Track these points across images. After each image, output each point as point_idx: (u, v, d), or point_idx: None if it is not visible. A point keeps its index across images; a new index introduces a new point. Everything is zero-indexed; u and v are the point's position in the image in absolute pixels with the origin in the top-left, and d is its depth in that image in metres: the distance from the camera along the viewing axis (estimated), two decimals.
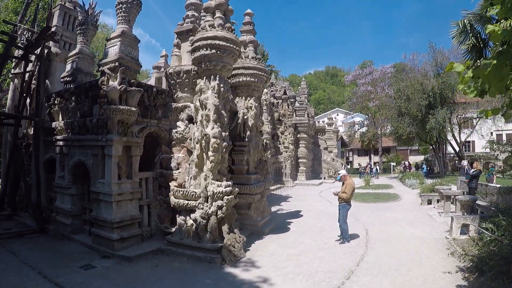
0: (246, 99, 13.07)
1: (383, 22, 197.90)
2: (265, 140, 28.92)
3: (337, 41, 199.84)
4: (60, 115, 13.36)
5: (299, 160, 36.54)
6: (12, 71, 17.52)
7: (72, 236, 11.73)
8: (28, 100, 15.22)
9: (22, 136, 15.62)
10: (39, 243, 11.44)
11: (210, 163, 9.85)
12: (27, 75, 15.06)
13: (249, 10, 14.08)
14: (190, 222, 10.00)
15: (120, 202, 10.48)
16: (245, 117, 12.78)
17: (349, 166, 61.54)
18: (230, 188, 10.01)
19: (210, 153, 9.82)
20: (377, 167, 46.39)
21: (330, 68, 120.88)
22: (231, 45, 10.13)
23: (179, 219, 10.38)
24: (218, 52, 9.99)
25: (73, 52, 14.28)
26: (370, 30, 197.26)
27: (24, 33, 14.39)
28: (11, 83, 17.58)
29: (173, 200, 10.56)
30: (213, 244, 9.56)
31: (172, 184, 10.99)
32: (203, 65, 10.31)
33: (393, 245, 10.99)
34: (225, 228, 9.87)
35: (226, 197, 9.75)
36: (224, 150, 10.13)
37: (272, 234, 12.56)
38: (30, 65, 15.21)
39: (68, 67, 14.27)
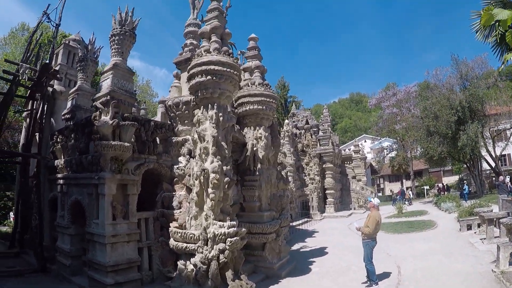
0: (255, 129, 12.06)
1: (402, 43, 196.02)
2: (286, 172, 28.10)
3: (359, 67, 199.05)
4: (62, 153, 12.86)
5: (326, 192, 34.98)
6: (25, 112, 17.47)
7: (71, 278, 10.99)
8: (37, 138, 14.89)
9: (32, 174, 15.19)
10: (36, 284, 10.94)
11: (211, 201, 8.81)
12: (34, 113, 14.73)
13: (253, 35, 13.30)
14: (190, 267, 8.94)
15: (115, 244, 9.65)
16: (255, 148, 11.73)
17: (380, 194, 59.13)
18: (235, 229, 8.89)
19: (210, 190, 8.81)
20: (410, 192, 44.09)
21: (354, 94, 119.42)
22: (229, 70, 9.24)
23: (179, 263, 9.36)
24: (214, 78, 9.13)
25: (73, 89, 13.89)
26: (390, 52, 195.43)
27: (26, 71, 14.14)
28: (24, 122, 17.51)
29: (172, 242, 9.53)
30: None
31: (173, 225, 9.96)
32: (199, 94, 9.47)
33: (430, 285, 9.48)
34: (229, 274, 8.67)
35: (229, 239, 8.61)
36: (227, 186, 9.06)
37: (290, 277, 11.19)
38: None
39: (69, 104, 13.85)
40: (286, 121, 33.35)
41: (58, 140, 13.15)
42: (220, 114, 9.27)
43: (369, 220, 9.78)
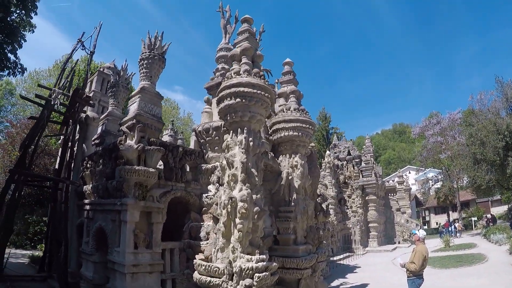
0: (290, 156, 11.36)
1: (444, 69, 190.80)
2: (327, 204, 27.06)
3: (401, 97, 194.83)
4: (90, 179, 12.67)
5: (370, 225, 33.74)
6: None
7: None
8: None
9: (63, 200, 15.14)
10: None
11: (238, 232, 8.04)
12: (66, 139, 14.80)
13: (288, 59, 12.79)
14: None
15: (136, 274, 9.16)
16: (290, 177, 10.97)
17: (426, 227, 56.14)
18: (264, 263, 8.02)
19: (237, 220, 8.06)
20: (456, 224, 41.44)
21: (397, 125, 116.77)
22: (259, 92, 8.61)
23: None
24: (244, 100, 8.52)
25: (104, 115, 13.80)
26: (433, 80, 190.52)
27: (59, 96, 14.24)
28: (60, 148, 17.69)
29: (196, 276, 8.76)
30: None
31: (198, 257, 9.20)
32: (228, 118, 8.88)
33: None
34: None
35: (257, 274, 7.74)
36: (256, 216, 8.27)
37: None
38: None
39: (99, 130, 13.73)
40: (328, 152, 32.61)
41: (88, 165, 13.01)
42: (251, 139, 8.61)
43: (415, 255, 8.86)
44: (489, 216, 40.67)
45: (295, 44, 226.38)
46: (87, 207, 12.16)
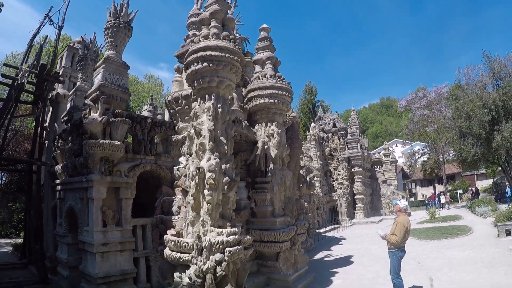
0: (266, 125, 10.71)
1: (433, 47, 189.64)
2: (313, 176, 26.60)
3: (389, 73, 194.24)
4: (61, 158, 11.92)
5: (356, 197, 33.24)
6: None
7: None
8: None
9: (43, 183, 14.45)
10: None
11: (207, 204, 7.46)
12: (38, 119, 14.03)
13: (264, 25, 12.01)
14: (185, 280, 7.57)
15: (106, 253, 8.59)
16: (266, 146, 10.34)
17: (412, 199, 56.18)
18: (236, 236, 7.44)
19: (206, 192, 7.47)
20: (442, 196, 41.41)
21: (385, 99, 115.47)
22: (228, 55, 7.88)
23: (175, 276, 8.00)
24: (211, 65, 7.81)
25: (72, 90, 13.01)
26: (421, 57, 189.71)
27: (26, 75, 13.32)
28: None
29: (166, 252, 8.20)
30: None
31: (170, 233, 8.62)
32: (196, 84, 8.18)
33: None
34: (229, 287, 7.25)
35: (228, 248, 7.17)
36: (226, 187, 7.65)
37: None
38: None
39: (68, 106, 12.92)
40: (313, 124, 31.97)
41: (59, 144, 12.23)
42: (219, 105, 7.94)
43: (396, 227, 8.25)
44: (474, 189, 40.70)
45: (285, 19, 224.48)
46: (59, 187, 11.49)
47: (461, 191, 43.60)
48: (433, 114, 42.41)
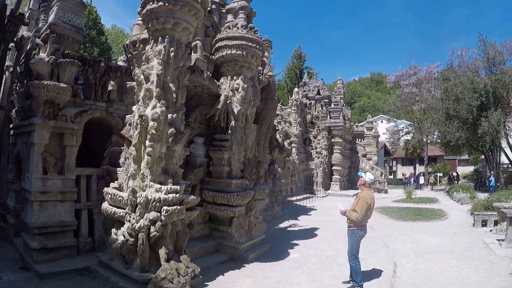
0: (232, 78, 9.67)
1: (430, 27, 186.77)
2: (290, 142, 25.71)
3: (383, 48, 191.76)
4: (17, 101, 10.91)
5: (333, 168, 32.35)
6: None
7: (13, 239, 9.34)
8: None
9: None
10: None
11: (147, 156, 6.58)
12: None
13: None
14: (120, 238, 6.81)
15: (44, 202, 7.96)
16: (228, 101, 9.37)
17: (391, 176, 56.09)
18: (177, 195, 6.60)
19: (147, 143, 6.58)
20: (423, 177, 41.07)
21: (375, 74, 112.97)
22: None
23: (112, 232, 7.24)
24: (167, 4, 6.70)
25: (32, 32, 11.88)
26: (418, 35, 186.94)
27: None
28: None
29: (103, 206, 7.38)
30: (141, 274, 6.29)
31: (112, 185, 7.77)
32: (150, 25, 7.11)
33: None
34: (162, 252, 6.46)
35: (166, 207, 6.35)
36: (172, 139, 6.75)
37: (259, 262, 8.92)
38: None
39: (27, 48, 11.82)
40: (296, 89, 30.72)
41: (16, 88, 11.42)
42: (172, 48, 6.91)
43: (358, 202, 7.21)
44: (454, 174, 40.42)
45: None
46: (11, 132, 10.72)
47: (441, 174, 43.30)
48: (421, 93, 41.53)
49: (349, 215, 7.28)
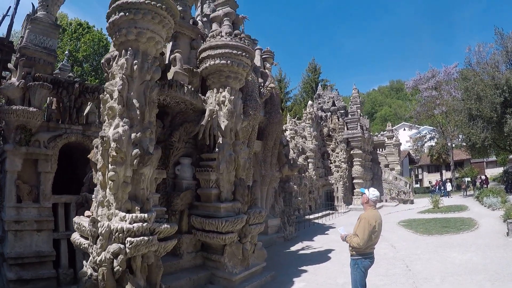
0: (218, 91, 8.86)
1: (444, 27, 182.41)
2: (306, 157, 24.65)
3: (399, 53, 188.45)
4: None
5: (354, 181, 30.57)
6: None
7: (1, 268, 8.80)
8: None
9: None
10: None
11: (110, 181, 5.81)
12: None
13: None
14: (89, 270, 6.00)
15: (20, 232, 7.62)
16: (214, 116, 8.51)
17: (418, 185, 53.65)
18: (143, 224, 5.72)
19: (110, 167, 5.81)
20: (450, 183, 38.77)
21: (394, 82, 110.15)
22: (148, 1, 6.09)
23: (84, 263, 6.46)
24: (128, 14, 6.03)
25: None
26: (434, 37, 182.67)
27: None
28: None
29: (73, 236, 6.65)
30: None
31: (86, 213, 7.02)
32: (114, 39, 6.48)
33: None
34: (129, 287, 5.60)
35: (130, 238, 5.54)
36: (137, 161, 5.94)
37: None
38: None
39: None
40: (310, 102, 29.73)
41: None
42: (136, 61, 6.19)
43: (359, 225, 5.91)
44: (483, 177, 38.01)
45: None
46: None
47: (468, 179, 40.80)
48: (441, 95, 39.53)
49: (350, 241, 5.94)
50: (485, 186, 33.93)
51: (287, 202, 19.95)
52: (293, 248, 13.33)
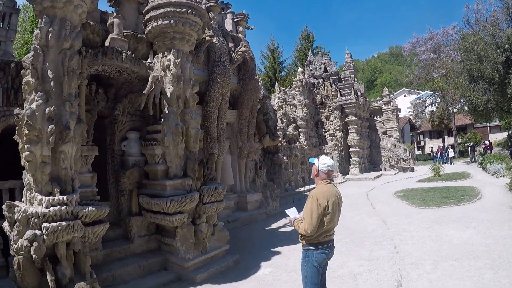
0: (164, 55, 8.15)
1: None
2: (296, 126, 24.12)
3: (397, 20, 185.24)
4: None
5: (350, 150, 30.39)
6: None
7: None
8: None
9: None
10: None
11: (26, 162, 5.40)
12: None
13: None
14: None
15: None
16: (158, 83, 7.76)
17: (420, 152, 53.34)
18: (63, 207, 5.35)
19: (25, 146, 5.37)
20: (452, 149, 38.36)
21: (394, 48, 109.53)
22: None
23: None
24: None
25: None
26: (428, 2, 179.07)
27: None
28: None
29: (4, 223, 6.29)
30: None
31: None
32: (34, 10, 5.97)
33: None
34: (48, 279, 5.22)
35: (45, 224, 5.16)
36: (53, 138, 5.44)
37: (211, 283, 7.13)
38: None
39: None
40: (300, 69, 28.99)
41: None
42: (50, 29, 5.64)
43: (306, 206, 4.62)
44: (487, 142, 37.56)
45: None
46: None
47: (471, 145, 40.39)
48: (440, 58, 38.63)
49: (297, 227, 4.71)
50: (489, 151, 33.54)
51: (276, 174, 19.65)
52: (273, 225, 12.78)
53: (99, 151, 8.16)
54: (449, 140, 48.89)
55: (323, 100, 29.99)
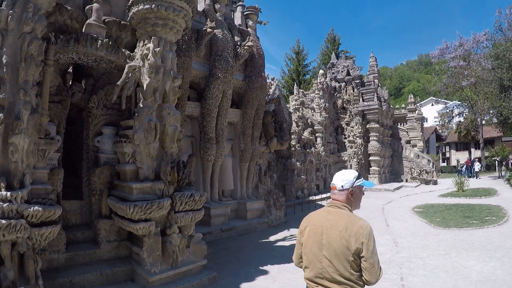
0: (144, 44, 7.51)
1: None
2: (312, 130, 23.42)
3: (428, 27, 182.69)
4: None
5: (370, 158, 29.55)
6: None
7: None
8: None
9: None
10: None
11: None
12: None
13: None
14: None
15: None
16: (135, 73, 7.21)
17: (445, 164, 51.72)
18: (5, 204, 4.87)
19: None
20: (478, 163, 36.80)
21: (423, 56, 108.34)
22: None
23: None
24: None
25: None
26: (462, 11, 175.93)
27: None
28: None
29: None
30: None
31: None
32: None
33: None
34: None
35: None
36: (1, 128, 5.00)
37: None
38: None
39: None
40: (321, 71, 28.37)
41: None
42: (11, 11, 5.18)
43: None
44: None
45: None
46: None
47: (499, 159, 38.64)
48: (470, 66, 37.27)
49: None
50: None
51: (288, 180, 19.08)
52: (272, 238, 11.80)
53: (78, 146, 7.71)
54: (476, 153, 47.36)
55: (344, 105, 29.32)
